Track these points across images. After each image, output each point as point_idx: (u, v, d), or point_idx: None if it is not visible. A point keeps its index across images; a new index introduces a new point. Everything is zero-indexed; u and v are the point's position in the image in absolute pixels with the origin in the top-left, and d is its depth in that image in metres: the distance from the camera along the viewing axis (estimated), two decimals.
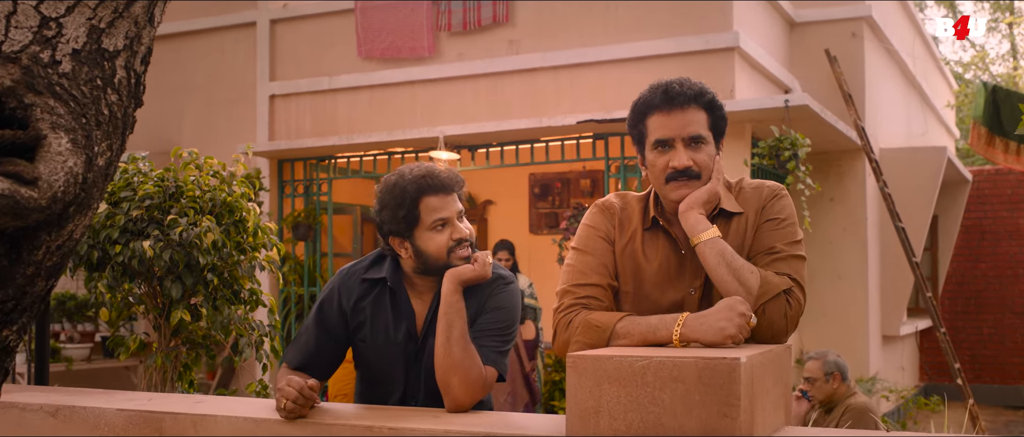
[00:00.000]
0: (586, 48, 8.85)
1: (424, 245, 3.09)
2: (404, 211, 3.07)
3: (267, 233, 4.29)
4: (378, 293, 3.22)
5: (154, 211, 4.02)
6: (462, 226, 3.13)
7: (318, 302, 3.28)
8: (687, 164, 2.72)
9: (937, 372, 13.59)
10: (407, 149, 9.55)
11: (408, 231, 3.10)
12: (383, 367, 3.22)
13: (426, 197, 3.07)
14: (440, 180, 3.09)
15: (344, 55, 9.99)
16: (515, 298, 3.23)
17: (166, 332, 4.14)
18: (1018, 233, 13.62)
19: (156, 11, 1.85)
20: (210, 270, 4.05)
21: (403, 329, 3.18)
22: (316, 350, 3.21)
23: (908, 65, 12.44)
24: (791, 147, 7.80)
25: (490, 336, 3.10)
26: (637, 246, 2.84)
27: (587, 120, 8.26)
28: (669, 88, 2.76)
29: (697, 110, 2.75)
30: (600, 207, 2.95)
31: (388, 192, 3.12)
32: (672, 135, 2.74)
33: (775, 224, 2.76)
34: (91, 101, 1.70)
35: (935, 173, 10.92)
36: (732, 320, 2.42)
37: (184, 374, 4.28)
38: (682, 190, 2.75)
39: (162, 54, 11.03)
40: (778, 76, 9.36)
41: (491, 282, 3.19)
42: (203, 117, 10.74)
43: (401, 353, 3.18)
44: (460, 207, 3.15)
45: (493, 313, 3.14)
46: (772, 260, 2.68)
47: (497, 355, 3.10)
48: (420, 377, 3.18)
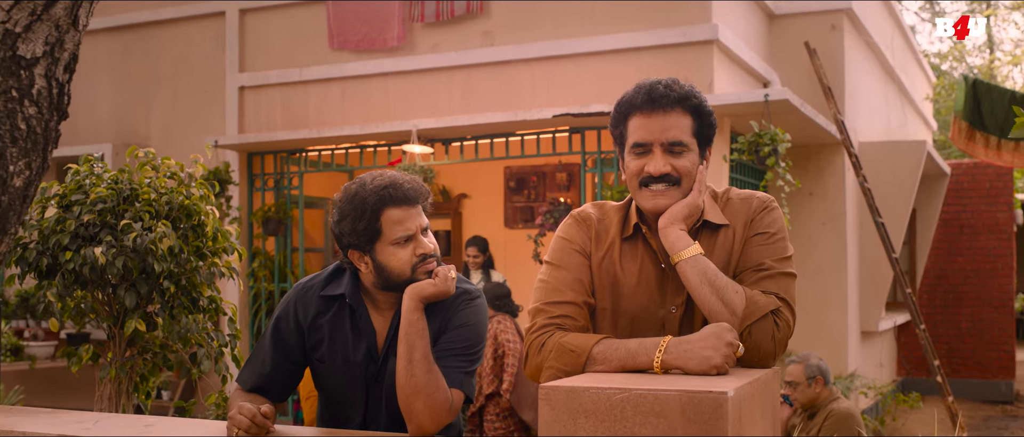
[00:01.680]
0: (562, 40, 8.68)
1: (385, 260, 2.90)
2: (364, 223, 2.87)
3: (227, 237, 4.09)
4: (336, 310, 3.02)
5: (107, 215, 3.81)
6: (426, 240, 2.94)
7: (273, 319, 3.08)
8: (665, 170, 2.54)
9: (914, 366, 13.52)
10: (380, 142, 9.35)
11: (368, 245, 2.90)
12: (342, 389, 3.03)
13: (388, 209, 2.88)
14: (403, 191, 2.89)
15: (315, 46, 9.78)
16: (481, 314, 3.03)
17: (120, 342, 3.94)
18: (996, 227, 13.54)
19: (81, 13, 1.65)
20: (166, 277, 3.86)
21: (363, 349, 2.99)
22: (272, 371, 3.02)
23: (887, 57, 12.33)
24: (771, 142, 7.65)
25: (455, 356, 2.91)
26: (615, 259, 2.65)
27: (563, 114, 8.09)
28: (653, 89, 2.58)
29: (681, 114, 2.57)
30: (575, 218, 2.75)
31: (348, 202, 2.91)
32: (651, 139, 2.56)
33: (764, 239, 2.58)
34: (5, 115, 1.50)
35: (915, 167, 10.81)
36: (718, 349, 2.23)
37: (141, 385, 4.08)
38: (658, 199, 2.56)
39: (128, 44, 10.81)
40: (757, 69, 9.21)
41: (455, 298, 3.00)
42: (171, 109, 10.51)
43: (361, 374, 2.99)
44: (425, 221, 2.96)
45: (458, 331, 2.95)
46: (760, 277, 2.51)
47: (463, 376, 2.90)
48: (381, 400, 2.99)
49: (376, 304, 3.02)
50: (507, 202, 11.82)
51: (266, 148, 9.81)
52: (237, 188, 9.75)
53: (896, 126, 13.42)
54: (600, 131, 8.37)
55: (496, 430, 8.02)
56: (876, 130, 11.98)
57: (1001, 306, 13.56)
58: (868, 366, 11.25)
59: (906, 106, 14.46)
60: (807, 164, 10.03)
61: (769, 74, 9.62)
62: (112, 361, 3.94)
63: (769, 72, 9.64)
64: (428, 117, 9.02)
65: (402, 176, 2.94)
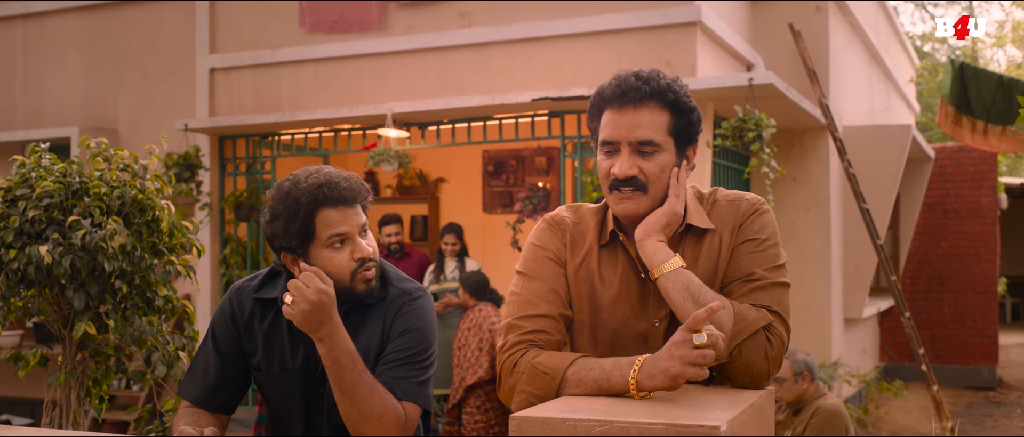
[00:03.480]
0: (541, 21, 8.45)
1: (320, 264, 2.67)
2: (297, 225, 2.64)
3: (185, 233, 3.85)
4: (273, 315, 2.80)
5: (54, 211, 3.57)
6: (364, 243, 2.71)
7: (210, 325, 2.86)
8: (630, 172, 2.31)
9: (897, 352, 13.41)
10: (354, 126, 9.11)
11: (302, 247, 2.68)
12: (281, 399, 2.81)
13: (323, 209, 2.65)
14: (339, 190, 2.66)
15: (288, 27, 9.52)
16: (426, 315, 2.80)
17: (70, 345, 3.71)
18: (980, 211, 13.41)
19: None
20: (118, 277, 3.62)
21: (300, 356, 2.76)
22: (217, 381, 2.80)
23: (871, 39, 12.15)
24: (755, 128, 7.45)
25: (403, 366, 2.69)
26: (593, 267, 2.43)
27: (542, 97, 7.87)
28: (624, 81, 2.33)
29: (655, 110, 2.32)
30: (549, 223, 2.51)
31: (280, 201, 2.67)
32: (618, 137, 2.32)
33: (754, 245, 2.36)
34: None
35: (900, 151, 10.64)
36: (675, 359, 2.00)
37: (93, 390, 3.85)
38: (625, 204, 2.34)
39: (95, 24, 10.54)
40: (741, 52, 9.01)
41: (394, 300, 2.77)
42: (139, 91, 10.23)
43: (300, 384, 2.77)
44: (363, 220, 2.73)
45: (401, 338, 2.73)
46: (751, 289, 2.29)
47: (415, 387, 2.68)
48: (323, 411, 2.76)
49: None
50: (485, 187, 11.60)
51: (238, 132, 9.55)
52: (208, 173, 9.50)
53: (880, 109, 13.26)
54: (580, 115, 8.15)
55: (477, 423, 7.83)
56: (860, 114, 11.81)
57: (984, 291, 13.44)
58: (851, 353, 11.11)
59: (890, 89, 14.31)
60: (791, 149, 9.84)
61: (753, 57, 9.42)
62: (62, 365, 3.71)
63: (753, 55, 9.44)
64: (404, 100, 8.78)
65: (339, 173, 2.71)
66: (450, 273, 8.74)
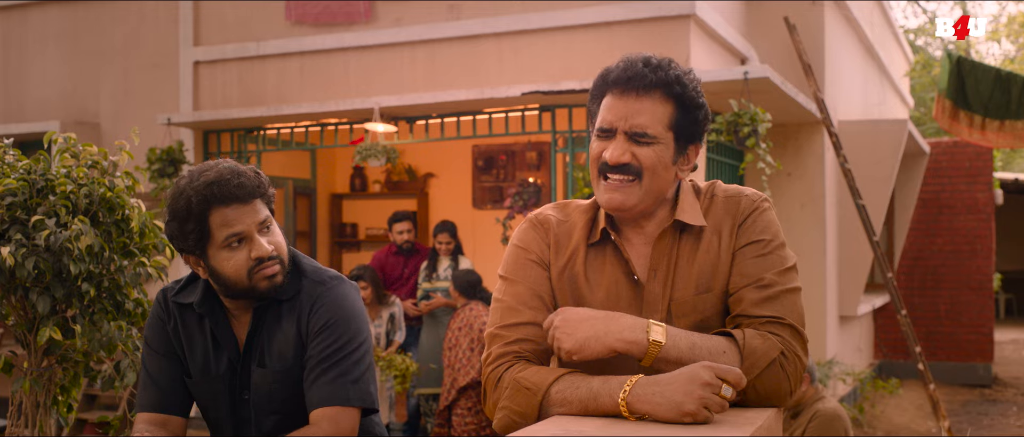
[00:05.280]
0: (531, 14, 8.27)
1: (219, 265, 2.51)
2: (192, 225, 2.48)
3: (157, 233, 3.67)
4: (195, 320, 2.65)
5: (17, 210, 3.39)
6: (263, 241, 2.52)
7: (145, 335, 2.71)
8: (623, 159, 2.13)
9: (891, 349, 13.27)
10: (341, 120, 8.93)
11: (200, 249, 2.52)
12: (208, 406, 2.66)
13: (216, 209, 2.48)
14: (229, 189, 2.48)
15: (273, 19, 9.33)
16: (346, 303, 2.61)
17: (35, 351, 3.53)
18: (976, 207, 13.26)
19: None
20: (85, 279, 3.44)
21: (224, 361, 2.62)
22: (169, 384, 2.65)
23: (866, 33, 12.00)
24: (750, 122, 7.28)
25: (330, 368, 2.52)
26: (578, 269, 2.24)
27: (532, 91, 7.69)
28: (631, 66, 2.16)
29: (659, 101, 2.14)
30: (532, 222, 2.33)
31: (174, 202, 2.52)
32: (615, 124, 2.14)
33: (760, 248, 2.17)
34: None
35: (895, 147, 10.48)
36: (692, 394, 1.85)
37: (61, 398, 3.67)
38: (613, 193, 2.16)
39: (77, 16, 10.35)
40: (735, 45, 8.84)
41: (308, 293, 2.61)
42: (122, 85, 10.04)
43: (226, 388, 2.62)
44: (263, 215, 2.55)
45: (321, 335, 2.55)
46: (762, 298, 2.11)
47: (349, 386, 2.51)
48: (250, 419, 2.62)
49: (230, 311, 2.66)
50: (475, 182, 11.43)
51: (222, 126, 9.36)
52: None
53: (875, 104, 13.11)
54: (571, 109, 7.98)
55: (467, 426, 7.66)
56: (855, 108, 11.66)
57: (980, 288, 13.30)
58: (846, 351, 10.96)
59: (885, 83, 14.16)
60: (785, 144, 9.68)
61: (747, 50, 9.25)
62: (27, 372, 3.53)
63: (747, 48, 9.28)
64: (391, 94, 8.60)
65: (233, 168, 2.53)
66: (443, 271, 8.59)
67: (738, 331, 2.06)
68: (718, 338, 2.05)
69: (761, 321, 2.09)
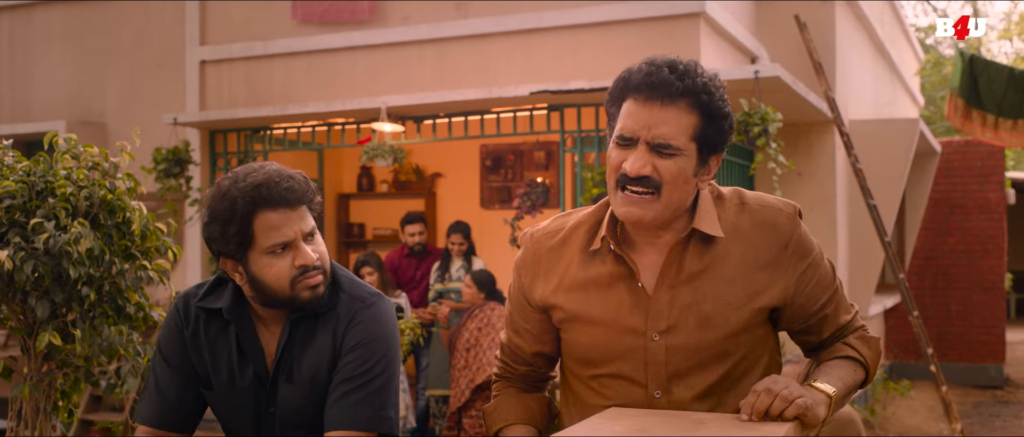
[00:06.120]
0: (540, 13, 8.20)
1: (259, 272, 2.40)
2: (235, 228, 2.36)
3: (159, 235, 3.61)
4: (219, 327, 2.54)
5: (16, 213, 3.33)
6: (309, 249, 2.42)
7: (158, 340, 2.60)
8: (643, 172, 2.04)
9: (902, 350, 13.16)
10: (348, 120, 8.87)
11: (240, 253, 2.40)
12: (231, 419, 2.56)
13: (262, 212, 2.37)
14: (279, 192, 2.38)
15: (279, 18, 9.28)
16: (383, 323, 2.52)
17: (35, 356, 3.47)
18: (987, 207, 13.14)
19: None
20: (85, 283, 3.38)
21: (250, 373, 2.51)
22: (176, 398, 2.54)
23: (877, 31, 11.90)
24: (761, 122, 7.21)
25: (358, 386, 2.43)
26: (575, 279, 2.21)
27: (541, 91, 7.62)
28: (656, 72, 2.04)
29: (685, 111, 2.04)
30: (526, 242, 2.33)
31: (218, 202, 2.40)
32: (637, 133, 2.05)
33: (815, 266, 2.23)
34: None
35: (907, 146, 10.38)
36: None
37: (62, 404, 3.61)
38: (631, 206, 2.08)
39: (83, 16, 10.32)
40: (745, 44, 8.76)
41: (346, 307, 2.51)
42: (128, 85, 10.00)
43: (250, 401, 2.52)
44: (309, 225, 2.45)
45: (354, 353, 2.46)
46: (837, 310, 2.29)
47: (374, 411, 2.43)
48: (274, 433, 2.53)
49: (261, 320, 2.55)
50: (483, 182, 11.36)
51: (229, 126, 9.31)
52: (198, 168, 9.26)
53: (885, 103, 13.01)
54: (580, 109, 7.91)
55: (481, 428, 7.58)
56: (866, 107, 11.57)
57: (991, 288, 13.19)
58: None
59: (895, 82, 14.06)
60: (796, 143, 9.59)
61: (757, 49, 9.17)
62: (27, 377, 3.47)
63: (757, 47, 9.20)
64: (399, 93, 8.54)
65: (281, 172, 2.42)
66: (455, 272, 8.52)
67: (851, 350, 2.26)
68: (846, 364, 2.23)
69: (851, 329, 2.32)
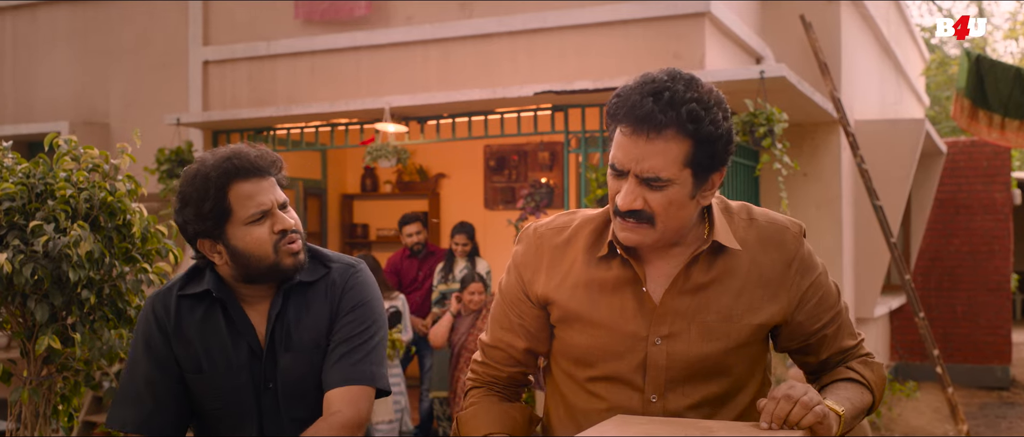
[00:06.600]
0: (544, 12, 8.16)
1: (241, 243, 2.45)
2: (211, 203, 2.43)
3: (160, 238, 3.58)
4: (204, 312, 2.55)
5: (15, 215, 3.30)
6: (286, 215, 2.49)
7: (134, 342, 2.59)
8: (634, 206, 2.02)
9: (908, 351, 13.12)
10: (351, 121, 8.84)
11: (218, 229, 2.46)
12: (230, 403, 2.54)
13: (236, 183, 2.44)
14: (250, 160, 2.46)
15: (283, 18, 9.25)
16: (372, 287, 2.62)
17: (35, 360, 3.43)
18: (993, 207, 13.09)
19: None
20: (85, 286, 3.34)
21: (244, 349, 2.52)
22: (158, 400, 2.51)
23: (882, 31, 11.86)
24: (766, 122, 7.17)
25: (358, 345, 2.51)
26: (578, 280, 2.18)
27: (545, 91, 7.58)
28: (639, 104, 1.97)
29: (673, 140, 1.98)
30: (528, 236, 2.30)
31: (189, 183, 2.46)
32: (626, 165, 2.01)
33: (819, 285, 2.23)
34: None
35: (913, 146, 10.34)
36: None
37: (62, 408, 3.57)
38: (627, 233, 2.07)
39: (86, 16, 10.30)
40: (750, 44, 8.72)
41: (340, 273, 2.60)
42: (131, 85, 9.98)
43: (248, 379, 2.52)
44: (280, 196, 2.51)
45: (353, 313, 2.55)
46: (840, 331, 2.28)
47: (372, 368, 2.50)
48: (278, 407, 2.52)
49: (245, 299, 2.57)
50: (487, 182, 11.33)
51: (232, 126, 9.28)
52: None
53: (891, 103, 12.97)
54: (584, 109, 7.87)
55: None
56: (872, 108, 11.52)
57: (997, 289, 13.13)
58: None
59: (901, 82, 14.01)
60: (801, 144, 9.55)
61: (762, 49, 9.13)
62: (26, 381, 3.44)
63: (762, 47, 9.16)
64: (402, 93, 8.51)
65: (249, 145, 2.51)
66: (459, 273, 8.48)
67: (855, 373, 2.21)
68: (852, 386, 2.17)
69: (855, 355, 2.28)
